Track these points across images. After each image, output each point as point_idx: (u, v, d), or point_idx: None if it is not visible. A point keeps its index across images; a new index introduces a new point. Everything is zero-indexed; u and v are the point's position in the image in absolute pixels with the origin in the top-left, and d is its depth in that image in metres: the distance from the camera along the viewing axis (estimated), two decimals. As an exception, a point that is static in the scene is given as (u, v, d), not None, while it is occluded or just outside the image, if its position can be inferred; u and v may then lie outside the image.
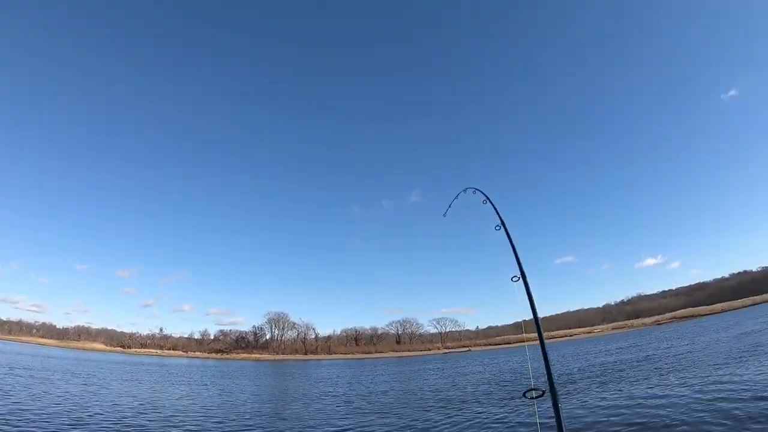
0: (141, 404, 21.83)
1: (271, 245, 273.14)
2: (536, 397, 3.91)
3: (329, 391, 30.49)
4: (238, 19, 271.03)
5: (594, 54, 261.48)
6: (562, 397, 14.81)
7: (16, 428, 12.81)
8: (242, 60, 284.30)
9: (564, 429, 3.59)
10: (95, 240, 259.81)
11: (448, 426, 14.80)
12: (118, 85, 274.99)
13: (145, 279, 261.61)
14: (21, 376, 29.05)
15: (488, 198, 6.07)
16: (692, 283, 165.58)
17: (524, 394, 3.97)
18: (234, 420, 18.19)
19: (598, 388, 19.91)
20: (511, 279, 4.94)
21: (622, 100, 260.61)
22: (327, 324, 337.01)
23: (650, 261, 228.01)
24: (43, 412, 16.36)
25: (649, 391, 16.96)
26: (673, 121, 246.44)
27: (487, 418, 16.09)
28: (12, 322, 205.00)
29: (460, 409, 17.87)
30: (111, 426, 14.85)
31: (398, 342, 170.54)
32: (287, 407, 23.04)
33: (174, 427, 15.91)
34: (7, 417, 14.40)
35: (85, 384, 29.02)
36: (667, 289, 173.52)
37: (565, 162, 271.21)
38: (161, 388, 31.32)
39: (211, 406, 22.61)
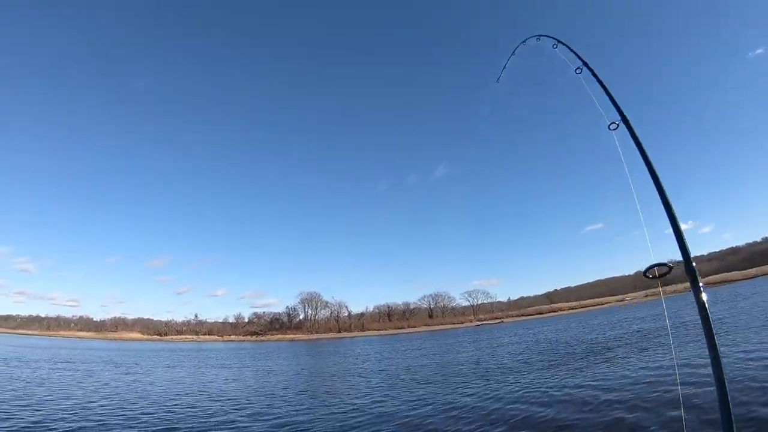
0: (191, 388, 21.56)
1: (300, 226, 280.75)
2: (662, 275, 3.35)
3: (367, 367, 30.18)
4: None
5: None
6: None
7: (83, 422, 12.52)
8: (264, 39, 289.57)
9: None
10: (124, 232, 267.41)
11: (490, 399, 14.11)
12: (138, 78, 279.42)
13: (177, 267, 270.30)
14: (67, 370, 28.83)
15: (559, 40, 4.52)
16: (724, 247, 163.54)
17: (645, 273, 3.42)
18: (282, 397, 18.08)
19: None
20: (609, 127, 3.92)
21: (651, 62, 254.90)
22: (359, 301, 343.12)
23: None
24: (101, 403, 16.06)
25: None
26: (700, 80, 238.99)
27: (527, 385, 15.61)
28: (50, 318, 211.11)
29: (500, 381, 17.15)
30: (169, 412, 14.58)
31: (431, 316, 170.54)
32: (329, 383, 22.59)
33: (233, 409, 15.61)
34: (68, 411, 14.03)
35: (135, 373, 28.77)
36: (698, 255, 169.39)
37: (591, 130, 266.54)
38: (205, 371, 30.90)
39: (257, 385, 22.40)
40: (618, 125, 3.84)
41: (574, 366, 18.88)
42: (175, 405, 16.07)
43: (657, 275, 3.34)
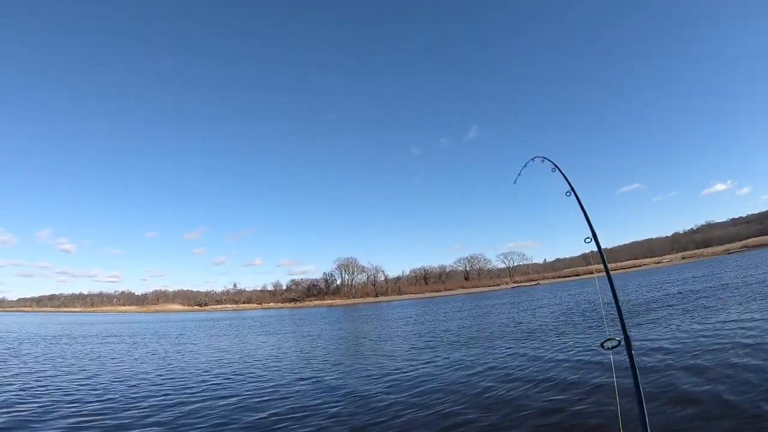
0: (240, 354, 21.46)
1: (334, 192, 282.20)
2: (612, 348, 3.81)
3: (407, 329, 30.04)
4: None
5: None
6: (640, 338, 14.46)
7: (143, 391, 12.39)
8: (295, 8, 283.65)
9: (640, 381, 3.30)
10: (161, 207, 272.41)
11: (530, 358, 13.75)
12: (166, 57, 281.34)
13: (213, 238, 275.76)
14: (119, 343, 28.82)
15: (557, 166, 5.67)
16: (763, 210, 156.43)
17: (602, 345, 3.88)
18: (327, 360, 17.93)
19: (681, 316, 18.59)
20: (584, 240, 4.66)
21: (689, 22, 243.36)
22: (395, 265, 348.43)
23: (719, 187, 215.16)
24: (158, 373, 15.96)
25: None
26: (734, 40, 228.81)
27: (560, 349, 15.03)
28: (93, 294, 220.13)
29: (537, 345, 16.46)
30: (224, 379, 14.38)
31: (467, 278, 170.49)
32: (370, 345, 22.37)
33: (277, 370, 15.85)
34: (129, 382, 13.87)
35: (185, 342, 28.78)
36: (737, 217, 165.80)
37: (628, 86, 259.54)
38: (251, 338, 30.63)
39: (301, 350, 22.24)
40: (590, 240, 4.61)
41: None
42: (229, 372, 15.85)
43: (610, 347, 3.90)
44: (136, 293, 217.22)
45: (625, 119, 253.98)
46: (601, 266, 4.46)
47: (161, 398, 11.60)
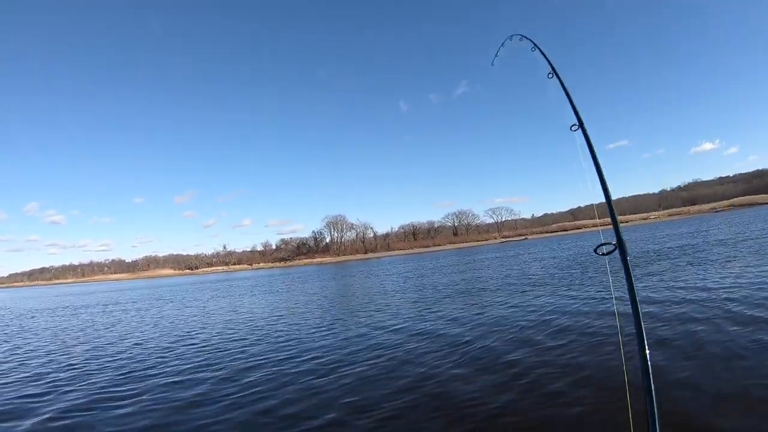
0: (245, 314, 21.28)
1: (322, 150, 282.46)
2: (607, 253, 3.40)
3: (397, 285, 29.50)
4: None
5: None
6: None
7: (165, 356, 12.28)
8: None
9: (634, 281, 3.00)
10: (148, 172, 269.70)
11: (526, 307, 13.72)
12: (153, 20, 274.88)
13: (202, 201, 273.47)
14: (124, 311, 27.58)
15: (536, 45, 5.11)
16: (751, 170, 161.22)
17: (595, 250, 3.44)
18: (328, 314, 17.60)
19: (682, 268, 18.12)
20: (570, 128, 4.12)
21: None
22: (384, 222, 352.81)
23: (707, 146, 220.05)
24: (174, 336, 15.29)
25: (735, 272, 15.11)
26: None
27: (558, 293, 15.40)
28: (84, 264, 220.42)
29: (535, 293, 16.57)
30: (242, 336, 13.95)
31: (455, 234, 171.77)
32: (363, 302, 21.31)
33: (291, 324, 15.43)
34: (146, 347, 13.40)
35: (185, 306, 28.29)
36: (724, 176, 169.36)
37: (617, 40, 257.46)
38: (244, 299, 31.06)
39: (294, 308, 21.39)
40: (577, 128, 4.06)
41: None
42: (232, 333, 14.94)
43: (605, 252, 3.42)
44: (127, 260, 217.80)
45: (614, 76, 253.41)
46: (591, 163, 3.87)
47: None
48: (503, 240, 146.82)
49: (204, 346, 12.63)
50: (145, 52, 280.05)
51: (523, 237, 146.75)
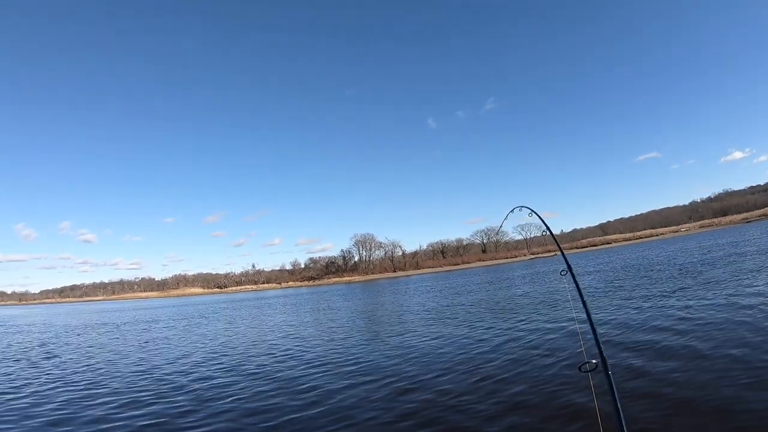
0: (280, 332, 21.83)
1: (350, 168, 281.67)
2: (590, 371, 3.28)
3: (423, 302, 29.89)
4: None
5: None
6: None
7: (212, 367, 12.59)
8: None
9: (620, 406, 2.83)
10: (179, 192, 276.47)
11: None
12: (184, 38, 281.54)
13: (232, 221, 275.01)
14: (165, 328, 28.34)
15: (534, 211, 6.11)
16: None
17: (579, 368, 3.37)
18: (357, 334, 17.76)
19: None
20: (560, 273, 4.54)
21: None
22: (413, 240, 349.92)
23: (737, 154, 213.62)
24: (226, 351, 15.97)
25: None
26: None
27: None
28: (114, 282, 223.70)
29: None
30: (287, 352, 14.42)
31: (484, 251, 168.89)
32: (392, 321, 21.93)
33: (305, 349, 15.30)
34: (200, 362, 14.12)
35: (227, 323, 28.99)
36: (755, 185, 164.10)
37: (646, 54, 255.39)
38: (295, 315, 31.12)
39: (321, 327, 21.88)
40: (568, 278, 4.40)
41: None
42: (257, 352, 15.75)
43: (587, 370, 3.31)
44: (157, 279, 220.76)
45: (643, 87, 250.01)
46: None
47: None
48: (533, 256, 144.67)
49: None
50: (175, 71, 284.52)
51: (553, 253, 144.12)
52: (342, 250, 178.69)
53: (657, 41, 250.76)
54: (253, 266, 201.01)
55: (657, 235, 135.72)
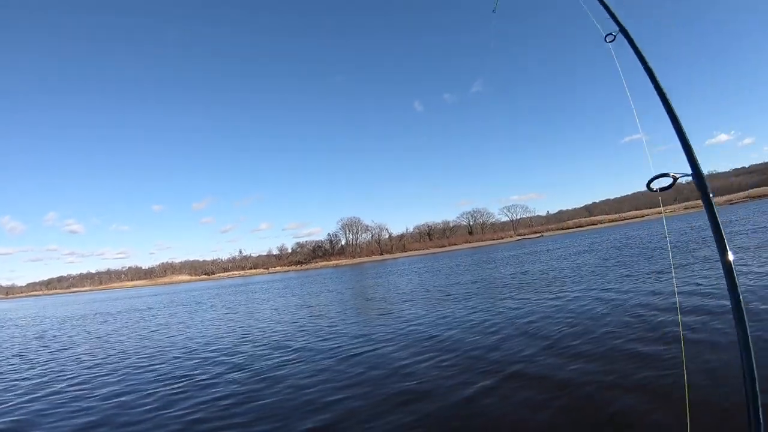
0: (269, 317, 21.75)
1: (337, 152, 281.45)
2: (663, 189, 2.77)
3: (410, 283, 30.13)
4: None
5: None
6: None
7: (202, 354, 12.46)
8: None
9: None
10: (167, 179, 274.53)
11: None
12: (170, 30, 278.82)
13: (220, 207, 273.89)
14: (154, 317, 27.35)
15: None
16: (766, 160, 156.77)
17: (648, 185, 2.73)
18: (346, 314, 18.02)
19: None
20: (605, 39, 3.30)
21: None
22: (400, 223, 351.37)
23: (722, 137, 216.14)
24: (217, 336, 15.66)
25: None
26: None
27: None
28: (101, 272, 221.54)
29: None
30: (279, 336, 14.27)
31: (470, 233, 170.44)
32: (381, 301, 21.84)
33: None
34: (184, 348, 13.80)
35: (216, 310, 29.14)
36: (739, 167, 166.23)
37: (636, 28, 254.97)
38: (286, 299, 30.92)
39: (311, 309, 21.91)
40: (614, 37, 3.29)
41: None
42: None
43: (659, 189, 2.78)
44: (144, 267, 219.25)
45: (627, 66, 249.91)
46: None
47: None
48: (519, 238, 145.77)
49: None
50: (163, 59, 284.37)
51: (539, 234, 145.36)
52: (329, 234, 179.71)
53: (643, 23, 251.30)
54: (240, 252, 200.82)
55: (643, 216, 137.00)
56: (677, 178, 2.68)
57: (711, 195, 2.54)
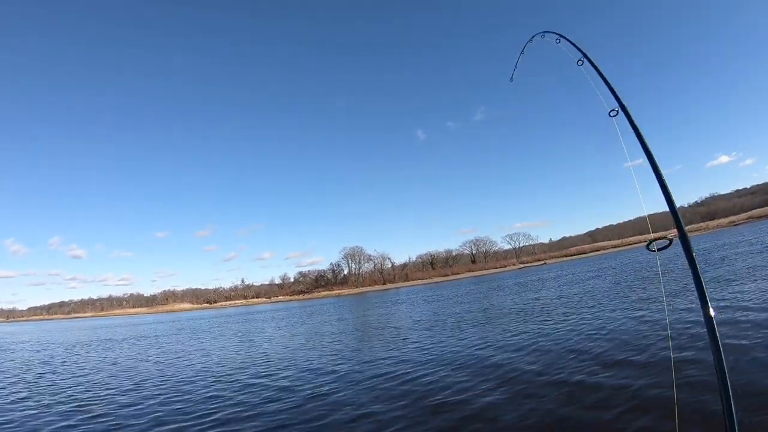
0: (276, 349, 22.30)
1: (340, 181, 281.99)
2: (661, 249, 3.00)
3: (414, 314, 30.13)
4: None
5: None
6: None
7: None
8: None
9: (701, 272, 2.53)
10: (171, 207, 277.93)
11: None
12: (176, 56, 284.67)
13: (223, 235, 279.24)
14: (160, 345, 27.85)
15: (562, 36, 4.53)
16: None
17: (648, 247, 3.02)
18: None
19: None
20: (609, 114, 3.70)
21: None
22: (402, 252, 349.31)
23: (723, 158, 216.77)
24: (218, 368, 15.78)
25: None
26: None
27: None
28: (103, 299, 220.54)
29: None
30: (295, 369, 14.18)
31: (473, 261, 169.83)
32: (383, 331, 22.35)
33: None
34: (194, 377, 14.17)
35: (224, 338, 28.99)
36: (741, 188, 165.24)
37: (633, 60, 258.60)
38: (292, 328, 31.14)
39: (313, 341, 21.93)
40: (616, 113, 3.76)
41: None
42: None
43: (658, 249, 3.06)
44: (146, 294, 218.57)
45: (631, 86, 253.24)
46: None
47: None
48: (522, 266, 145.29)
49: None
50: (166, 84, 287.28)
51: (542, 262, 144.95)
52: (331, 264, 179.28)
53: (645, 44, 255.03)
54: (243, 281, 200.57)
55: (645, 241, 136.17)
56: (672, 240, 2.97)
57: (693, 253, 2.76)
